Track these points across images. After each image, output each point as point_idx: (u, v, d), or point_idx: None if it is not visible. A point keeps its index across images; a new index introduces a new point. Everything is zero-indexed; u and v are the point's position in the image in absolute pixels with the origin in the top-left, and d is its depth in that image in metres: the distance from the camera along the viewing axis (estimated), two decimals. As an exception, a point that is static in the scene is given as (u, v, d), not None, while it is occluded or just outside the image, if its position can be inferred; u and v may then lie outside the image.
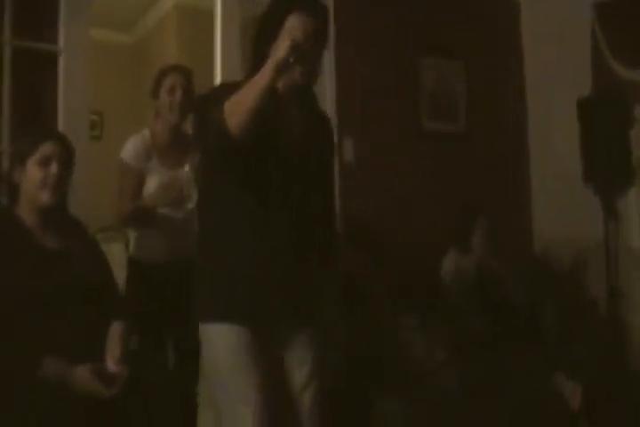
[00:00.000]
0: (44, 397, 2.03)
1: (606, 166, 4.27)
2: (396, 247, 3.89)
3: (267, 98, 1.88)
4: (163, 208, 2.99)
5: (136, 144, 3.03)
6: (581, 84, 4.70)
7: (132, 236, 3.17)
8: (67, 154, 2.37)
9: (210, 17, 4.05)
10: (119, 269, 2.94)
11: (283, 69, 1.88)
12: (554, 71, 5.11)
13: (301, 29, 2.02)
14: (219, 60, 3.96)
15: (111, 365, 2.17)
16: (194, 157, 3.01)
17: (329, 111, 3.77)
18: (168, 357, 3.04)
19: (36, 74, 3.28)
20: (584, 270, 4.53)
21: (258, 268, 2.06)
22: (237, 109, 1.89)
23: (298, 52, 1.89)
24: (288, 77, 1.99)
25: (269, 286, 2.07)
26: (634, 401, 3.24)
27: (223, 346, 2.04)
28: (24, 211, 2.32)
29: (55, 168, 2.30)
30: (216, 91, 2.18)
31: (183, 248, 3.01)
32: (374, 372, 3.13)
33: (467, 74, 5.05)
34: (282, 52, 1.87)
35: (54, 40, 3.31)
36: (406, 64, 4.72)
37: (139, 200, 2.97)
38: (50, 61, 3.31)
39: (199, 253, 2.19)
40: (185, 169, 3.06)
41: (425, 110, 4.79)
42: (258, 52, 2.11)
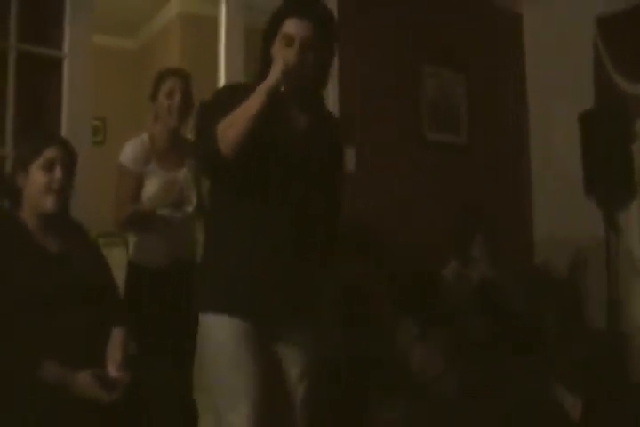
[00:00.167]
0: (44, 398, 2.02)
1: (608, 180, 4.29)
2: (397, 254, 3.89)
3: (259, 122, 1.92)
4: (162, 210, 2.98)
5: (135, 148, 3.03)
6: (583, 97, 4.72)
7: (132, 240, 3.17)
8: (70, 159, 2.38)
9: (213, 24, 4.06)
10: (121, 274, 2.94)
11: (274, 94, 1.91)
12: (556, 84, 5.13)
13: (296, 33, 2.03)
14: (222, 68, 3.97)
15: (112, 370, 2.17)
16: (192, 161, 3.02)
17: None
18: (167, 361, 3.03)
19: (40, 78, 3.28)
20: (584, 280, 4.54)
21: (258, 266, 2.07)
22: (229, 132, 1.93)
23: (290, 77, 1.93)
24: (292, 80, 1.99)
25: (269, 284, 2.08)
26: (634, 412, 3.24)
27: (222, 336, 2.05)
28: (27, 215, 2.33)
29: (59, 173, 2.30)
30: (218, 97, 2.18)
31: (182, 252, 3.04)
32: (373, 373, 3.13)
33: (468, 85, 5.07)
34: (273, 77, 1.92)
35: (58, 45, 3.31)
36: (408, 73, 4.74)
37: (137, 203, 2.97)
38: (53, 66, 3.31)
39: (203, 251, 2.22)
40: (183, 171, 3.07)
41: (426, 120, 4.80)
42: (262, 56, 2.13)
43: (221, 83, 3.95)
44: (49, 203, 2.29)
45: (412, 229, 4.37)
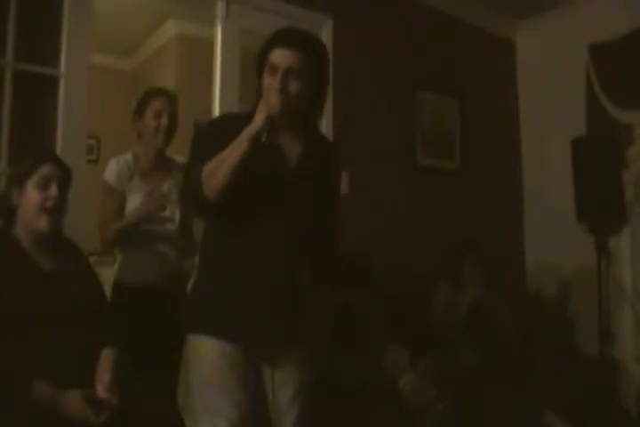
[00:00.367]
0: (31, 417, 2.00)
1: (599, 206, 4.31)
2: (389, 279, 3.88)
3: (242, 165, 1.96)
4: (146, 226, 2.97)
5: (119, 165, 3.04)
6: (575, 125, 4.76)
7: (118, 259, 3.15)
8: (64, 177, 2.38)
9: (209, 46, 4.08)
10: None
11: (258, 139, 1.96)
12: (548, 111, 5.18)
13: (280, 62, 2.05)
14: (217, 90, 3.97)
15: (101, 391, 2.15)
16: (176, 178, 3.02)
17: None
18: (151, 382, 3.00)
19: (36, 97, 3.28)
20: (575, 306, 4.54)
21: (247, 289, 2.08)
22: (212, 180, 1.98)
23: (273, 123, 1.97)
24: (285, 104, 2.02)
25: (258, 307, 2.08)
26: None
27: (208, 358, 2.06)
28: (20, 233, 2.32)
29: (54, 190, 2.30)
30: (210, 132, 2.22)
31: (167, 270, 3.02)
32: (361, 400, 3.10)
33: (462, 110, 5.11)
34: (256, 124, 1.96)
35: (55, 64, 3.32)
36: (402, 99, 4.77)
37: (121, 219, 2.96)
38: (50, 85, 3.31)
39: (196, 273, 2.24)
40: (166, 185, 3.06)
41: (420, 145, 4.82)
42: (257, 88, 2.17)
43: (216, 104, 3.96)
44: (44, 219, 2.29)
45: (403, 254, 4.37)
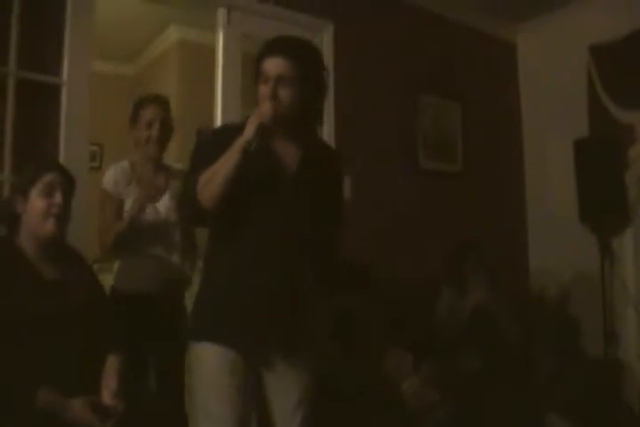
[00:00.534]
0: (37, 425, 2.01)
1: (602, 207, 4.31)
2: (391, 283, 3.88)
3: (236, 175, 1.99)
4: (145, 232, 2.98)
5: (116, 172, 3.06)
6: (577, 126, 4.76)
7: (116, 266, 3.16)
8: (68, 184, 2.39)
9: (211, 52, 4.08)
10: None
11: (250, 149, 1.98)
12: (550, 112, 5.18)
13: (271, 70, 2.08)
14: (219, 95, 3.98)
15: (107, 398, 2.16)
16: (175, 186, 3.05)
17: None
18: (151, 387, 3.01)
19: (38, 105, 3.29)
20: (578, 307, 4.53)
21: (247, 296, 2.09)
22: (207, 187, 2.01)
23: (266, 130, 2.00)
24: (276, 112, 2.04)
25: (258, 314, 2.10)
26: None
27: (208, 366, 2.07)
28: (24, 241, 2.32)
29: (59, 198, 2.31)
30: (211, 142, 2.24)
31: (166, 277, 3.02)
32: (361, 405, 3.10)
33: (463, 113, 5.11)
34: (247, 134, 1.98)
35: (57, 72, 3.33)
36: (404, 102, 4.77)
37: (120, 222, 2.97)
38: (52, 93, 3.32)
39: (201, 280, 2.25)
40: (166, 195, 3.08)
41: (422, 148, 4.82)
42: (256, 97, 2.17)
43: (218, 109, 3.97)
44: (49, 227, 2.29)
45: (405, 258, 4.38)
